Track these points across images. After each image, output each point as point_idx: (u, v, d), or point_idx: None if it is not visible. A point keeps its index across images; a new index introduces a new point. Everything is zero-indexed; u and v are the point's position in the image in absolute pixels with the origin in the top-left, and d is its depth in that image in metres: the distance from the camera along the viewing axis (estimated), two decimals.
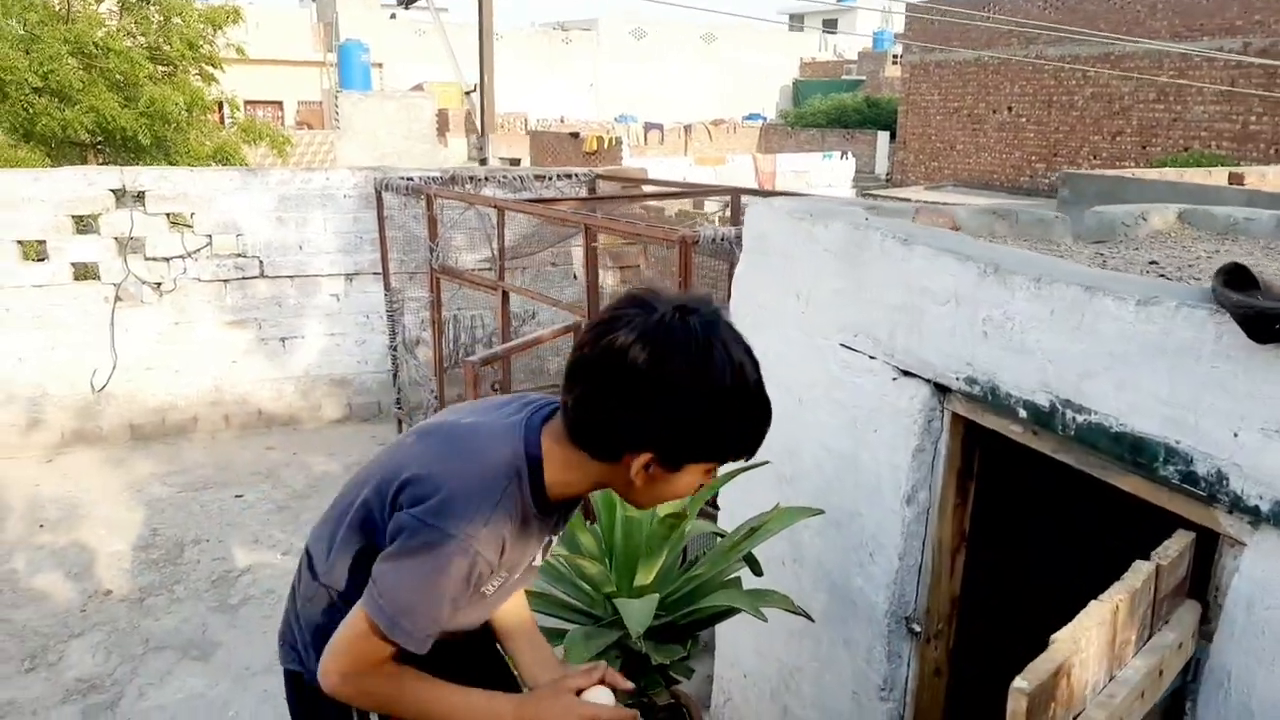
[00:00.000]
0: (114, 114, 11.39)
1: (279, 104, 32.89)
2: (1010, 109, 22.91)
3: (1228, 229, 3.75)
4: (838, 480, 2.92)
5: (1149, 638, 1.77)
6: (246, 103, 19.07)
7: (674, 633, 2.65)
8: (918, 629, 2.75)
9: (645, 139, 26.28)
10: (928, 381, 2.55)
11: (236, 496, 5.93)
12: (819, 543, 3.03)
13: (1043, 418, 2.19)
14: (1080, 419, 2.09)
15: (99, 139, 12.03)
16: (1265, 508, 1.72)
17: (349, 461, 6.53)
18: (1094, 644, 1.53)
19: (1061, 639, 1.47)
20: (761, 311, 3.17)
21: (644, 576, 2.55)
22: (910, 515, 2.67)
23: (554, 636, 2.54)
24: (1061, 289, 2.11)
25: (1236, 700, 1.80)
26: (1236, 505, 1.78)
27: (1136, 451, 1.96)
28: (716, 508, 4.04)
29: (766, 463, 2.76)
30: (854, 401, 2.81)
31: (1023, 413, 2.24)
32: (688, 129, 27.48)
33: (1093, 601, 1.60)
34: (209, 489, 6.02)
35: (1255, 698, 1.76)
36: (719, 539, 2.84)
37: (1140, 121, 20.38)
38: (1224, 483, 1.79)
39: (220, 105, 15.22)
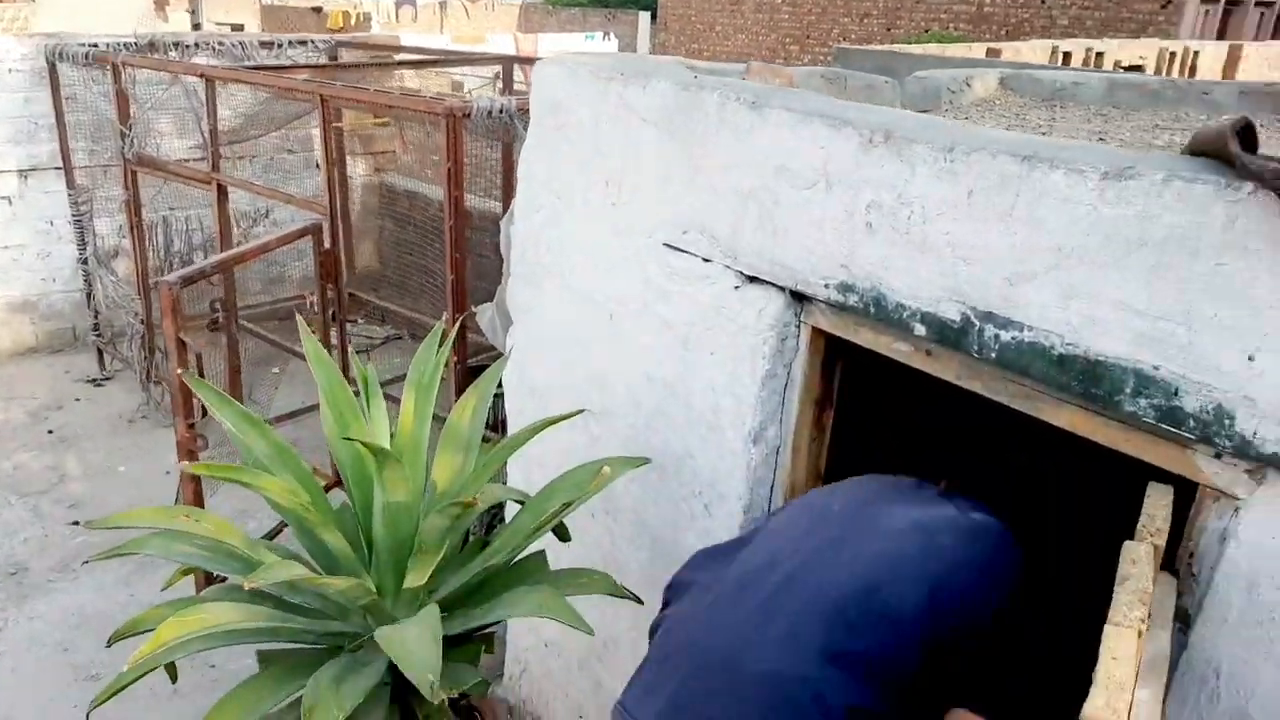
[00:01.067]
0: None
1: None
2: None
3: (1054, 94, 3.39)
4: (661, 416, 2.31)
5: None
6: None
7: (463, 643, 1.98)
8: None
9: (397, 15, 24.13)
10: (782, 289, 1.95)
11: None
12: (637, 491, 2.42)
13: (949, 334, 1.64)
14: (1006, 336, 1.55)
15: None
16: None
17: (33, 406, 5.26)
18: (1126, 696, 0.99)
19: (1100, 718, 0.92)
20: (558, 203, 2.44)
21: (417, 576, 1.84)
22: (757, 456, 2.10)
23: (288, 681, 1.80)
24: (985, 162, 1.53)
25: (1228, 703, 1.36)
26: (1243, 451, 1.30)
27: (1091, 380, 1.45)
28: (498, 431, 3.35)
29: (582, 411, 2.09)
30: (683, 317, 2.17)
31: (920, 328, 1.68)
32: (443, 5, 25.48)
33: (1110, 628, 1.06)
34: None
35: (1256, 700, 1.33)
36: (519, 505, 2.17)
37: (886, 4, 20.86)
38: (1227, 422, 1.30)
39: None
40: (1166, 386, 1.36)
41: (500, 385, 2.80)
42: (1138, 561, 1.18)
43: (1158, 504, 1.34)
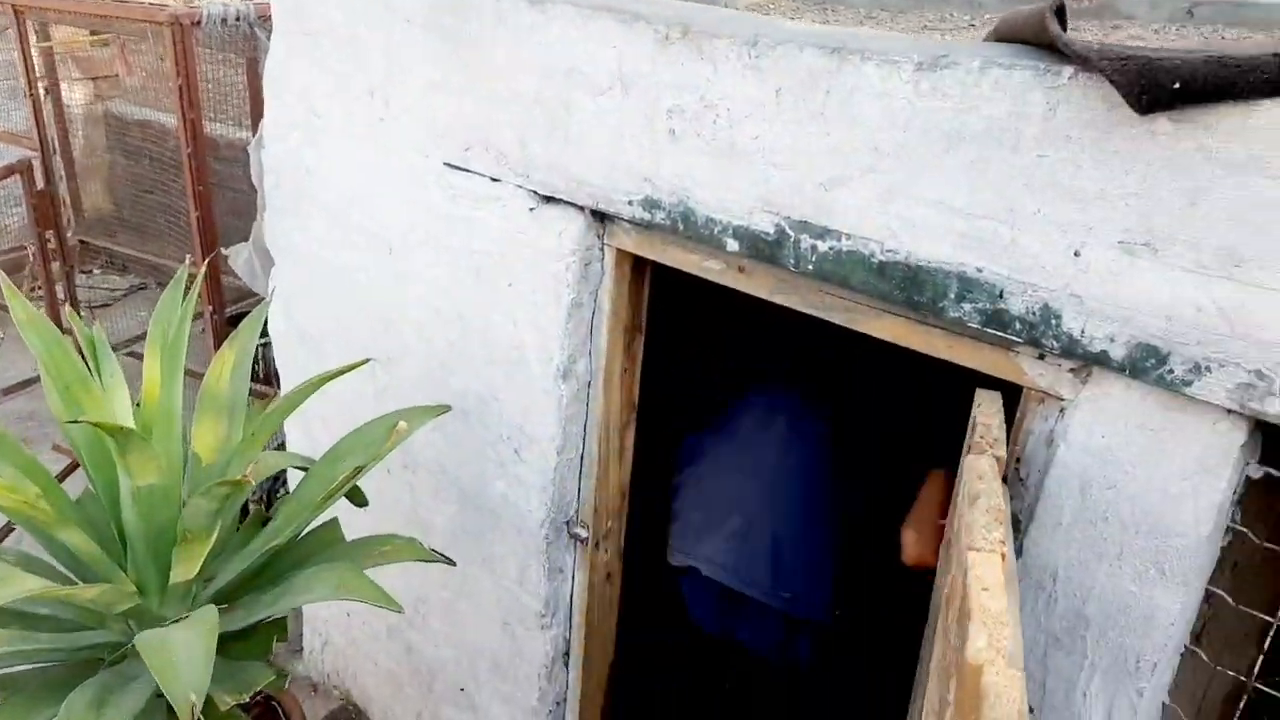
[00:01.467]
0: None
1: None
2: None
3: None
4: (459, 356, 2.10)
5: None
6: None
7: (251, 635, 1.73)
8: (584, 534, 2.10)
9: None
10: (582, 209, 1.78)
11: None
12: (438, 441, 2.22)
13: (763, 248, 1.53)
14: (824, 246, 1.46)
15: None
16: (1118, 351, 1.22)
17: None
18: (1005, 630, 0.92)
19: (986, 661, 0.84)
20: (316, 122, 2.14)
21: (185, 570, 1.57)
22: (567, 393, 1.95)
23: (36, 710, 1.51)
24: (792, 56, 1.40)
25: (1065, 605, 1.36)
26: (1071, 350, 1.26)
27: (913, 287, 1.38)
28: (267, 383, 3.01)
29: (367, 361, 1.85)
30: (474, 246, 1.96)
31: (732, 243, 1.56)
32: None
33: (973, 555, 0.99)
34: None
35: (1093, 600, 1.33)
36: (305, 473, 1.91)
37: None
38: (1054, 321, 1.26)
39: None
40: (991, 289, 1.31)
41: (267, 334, 2.49)
42: (984, 476, 1.12)
43: (989, 412, 1.30)
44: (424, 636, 2.52)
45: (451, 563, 1.89)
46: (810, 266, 1.48)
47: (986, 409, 1.30)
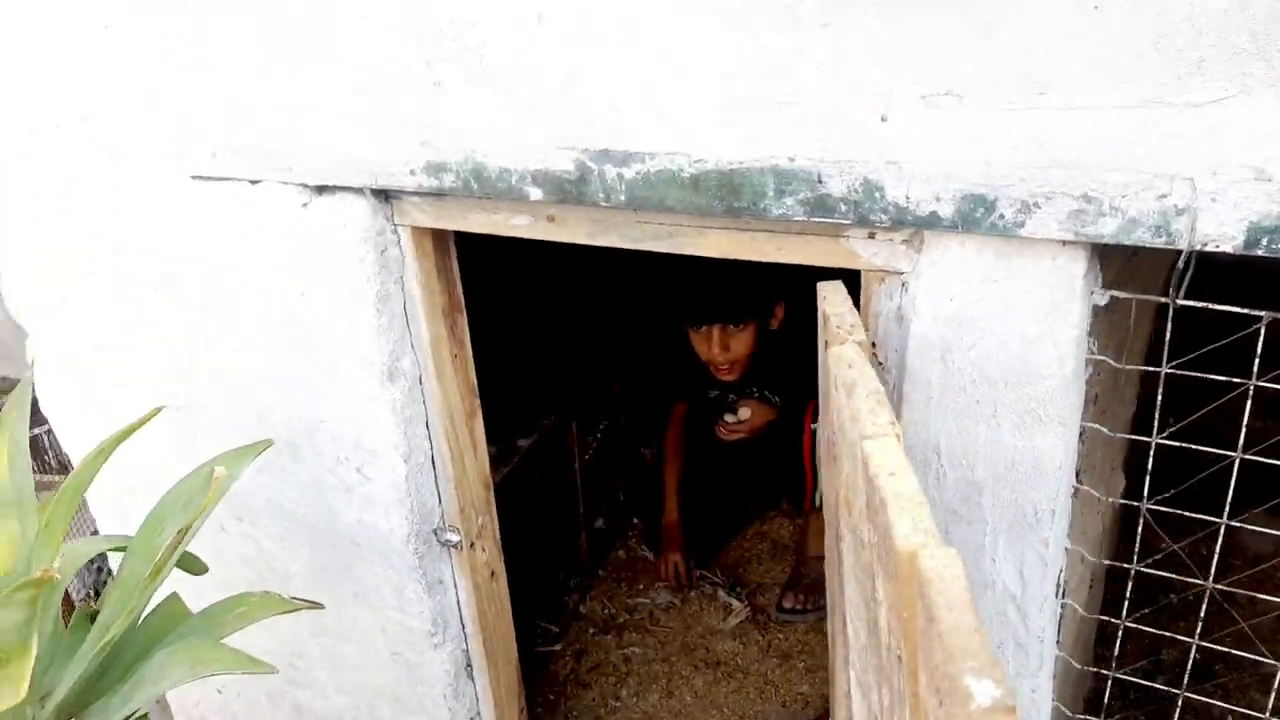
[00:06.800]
0: None
1: None
2: None
3: None
4: (268, 389, 1.90)
5: None
6: None
7: None
8: (455, 537, 1.96)
9: None
10: (360, 191, 1.61)
11: None
12: (269, 483, 2.02)
13: (569, 189, 1.42)
14: (631, 174, 1.36)
15: None
16: (947, 209, 1.18)
17: None
18: (925, 510, 0.86)
19: (919, 546, 0.77)
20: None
21: (12, 693, 1.33)
22: (399, 395, 1.79)
23: None
24: None
25: (955, 476, 1.33)
26: (901, 220, 1.22)
27: (730, 194, 1.30)
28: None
29: (159, 410, 1.63)
30: (250, 261, 1.76)
31: (535, 192, 1.44)
32: None
33: (867, 444, 0.92)
34: None
35: (981, 464, 1.31)
36: (124, 553, 1.68)
37: None
38: (878, 195, 1.21)
39: None
40: (808, 176, 1.24)
41: (45, 418, 2.20)
42: (854, 363, 1.06)
43: (835, 301, 1.24)
44: (311, 692, 2.32)
45: (318, 606, 1.71)
46: (622, 197, 1.38)
47: (832, 299, 1.24)
